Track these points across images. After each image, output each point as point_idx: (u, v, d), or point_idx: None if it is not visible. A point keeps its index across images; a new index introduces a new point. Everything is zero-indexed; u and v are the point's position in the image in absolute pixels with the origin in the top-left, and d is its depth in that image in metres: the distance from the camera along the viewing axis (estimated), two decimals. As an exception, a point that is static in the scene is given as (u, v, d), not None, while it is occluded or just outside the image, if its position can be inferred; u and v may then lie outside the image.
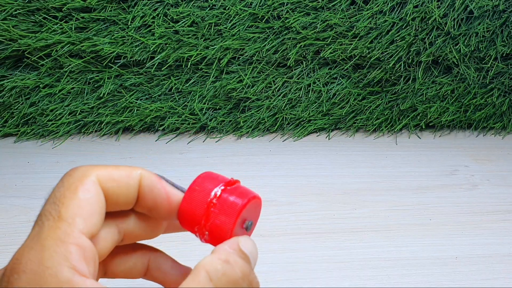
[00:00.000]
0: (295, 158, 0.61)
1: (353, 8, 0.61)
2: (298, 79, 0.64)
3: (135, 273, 0.28)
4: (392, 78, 0.64)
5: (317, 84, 0.64)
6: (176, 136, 0.65)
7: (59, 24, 0.58)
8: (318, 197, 0.53)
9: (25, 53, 0.59)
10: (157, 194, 0.26)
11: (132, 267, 0.28)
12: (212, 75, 0.62)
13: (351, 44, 0.61)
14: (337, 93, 0.64)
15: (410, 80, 0.64)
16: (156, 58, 0.60)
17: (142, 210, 0.27)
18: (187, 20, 0.59)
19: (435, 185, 0.56)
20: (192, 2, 0.59)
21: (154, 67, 0.61)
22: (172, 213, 0.26)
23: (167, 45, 0.59)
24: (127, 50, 0.59)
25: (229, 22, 0.59)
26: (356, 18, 0.60)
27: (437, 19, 0.60)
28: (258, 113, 0.64)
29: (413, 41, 0.61)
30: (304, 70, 0.64)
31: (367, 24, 0.60)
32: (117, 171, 0.25)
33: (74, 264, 0.21)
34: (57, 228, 0.22)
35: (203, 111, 0.63)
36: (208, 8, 0.59)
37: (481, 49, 0.62)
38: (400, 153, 0.63)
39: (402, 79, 0.64)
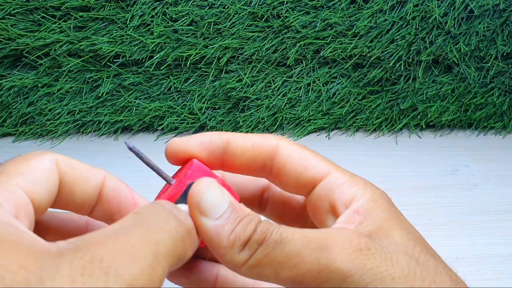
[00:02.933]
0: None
1: (353, 7, 0.60)
2: (297, 78, 0.63)
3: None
4: (392, 77, 0.64)
5: (317, 84, 0.64)
6: (175, 135, 0.64)
7: (57, 23, 0.57)
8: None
9: (24, 52, 0.58)
10: (124, 198, 0.24)
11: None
12: (211, 75, 0.62)
13: (351, 43, 0.61)
14: (337, 92, 0.64)
15: (411, 80, 0.64)
16: (155, 57, 0.60)
17: (100, 217, 0.24)
18: (186, 19, 0.58)
19: (436, 185, 0.56)
20: (191, 1, 0.58)
21: (153, 67, 0.60)
22: None
23: (166, 44, 0.59)
24: (126, 49, 0.59)
25: (229, 21, 0.59)
26: (356, 17, 0.60)
27: (437, 18, 0.60)
28: (258, 113, 0.64)
29: (414, 40, 0.61)
30: (304, 69, 0.63)
31: (367, 23, 0.60)
32: (80, 163, 0.23)
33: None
34: None
35: (202, 111, 0.63)
36: (207, 7, 0.59)
37: (482, 48, 0.62)
38: (400, 152, 0.63)
39: (402, 78, 0.64)
